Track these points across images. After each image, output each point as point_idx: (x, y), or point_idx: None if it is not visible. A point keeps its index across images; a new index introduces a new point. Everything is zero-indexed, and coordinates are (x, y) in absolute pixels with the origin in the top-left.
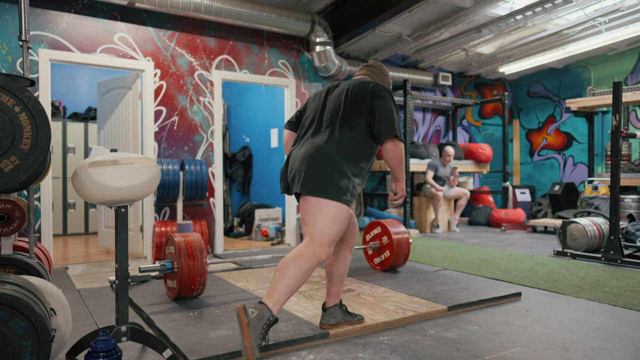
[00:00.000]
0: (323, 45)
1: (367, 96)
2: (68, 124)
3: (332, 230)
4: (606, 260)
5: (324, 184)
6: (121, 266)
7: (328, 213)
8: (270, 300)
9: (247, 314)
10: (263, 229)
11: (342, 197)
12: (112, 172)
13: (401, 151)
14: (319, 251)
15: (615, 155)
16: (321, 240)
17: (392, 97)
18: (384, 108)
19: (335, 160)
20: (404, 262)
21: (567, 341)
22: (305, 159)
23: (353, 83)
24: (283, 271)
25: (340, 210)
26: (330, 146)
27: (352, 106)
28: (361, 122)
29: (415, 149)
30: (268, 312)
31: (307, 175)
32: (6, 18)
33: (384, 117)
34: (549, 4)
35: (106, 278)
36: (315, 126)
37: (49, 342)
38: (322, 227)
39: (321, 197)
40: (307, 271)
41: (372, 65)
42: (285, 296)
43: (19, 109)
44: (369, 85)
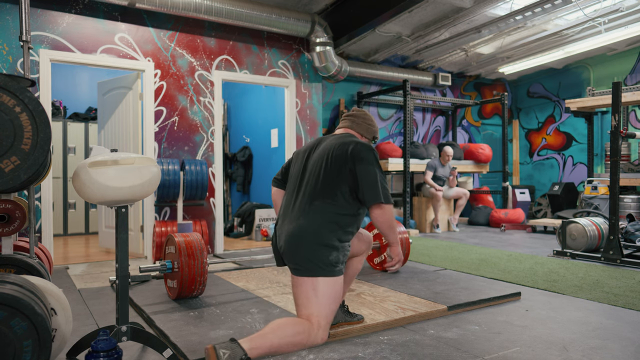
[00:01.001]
0: (323, 45)
1: (348, 161)
2: (68, 124)
3: (330, 310)
4: (606, 260)
5: (313, 263)
6: (121, 266)
7: (323, 291)
8: (250, 344)
9: (217, 356)
10: (263, 229)
11: (334, 270)
12: (112, 172)
13: (390, 215)
14: (317, 332)
15: (615, 155)
16: (319, 322)
17: (376, 157)
18: (365, 173)
19: (318, 235)
20: (404, 262)
21: (566, 341)
22: (290, 240)
23: (334, 143)
24: (277, 326)
25: (336, 284)
26: (312, 220)
27: (332, 172)
28: (343, 188)
29: (415, 149)
30: (240, 351)
31: (295, 257)
32: (7, 18)
33: (367, 183)
34: (549, 4)
35: (106, 278)
36: (296, 196)
37: (49, 342)
38: (319, 307)
39: (314, 277)
40: (297, 344)
41: (355, 116)
42: (266, 348)
43: (19, 109)
44: (349, 147)
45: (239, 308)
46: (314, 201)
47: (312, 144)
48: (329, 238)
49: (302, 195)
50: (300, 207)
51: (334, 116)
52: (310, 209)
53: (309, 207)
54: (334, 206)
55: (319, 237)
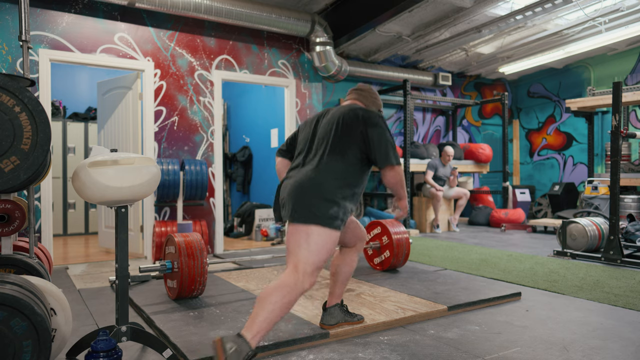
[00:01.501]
0: (323, 45)
1: (360, 125)
2: (68, 124)
3: (318, 258)
4: (606, 260)
5: (312, 211)
6: (121, 266)
7: (316, 240)
8: (249, 333)
9: (224, 349)
10: (263, 229)
11: (333, 224)
12: (112, 172)
13: (401, 176)
14: (303, 280)
15: (615, 155)
16: (305, 269)
17: (385, 123)
18: (378, 137)
19: (324, 187)
20: (404, 262)
21: (567, 341)
22: (294, 188)
23: (343, 110)
24: (264, 302)
25: (330, 237)
26: (320, 173)
27: (344, 134)
28: (354, 150)
29: (415, 149)
30: (246, 346)
31: (295, 203)
32: (6, 18)
33: (379, 146)
34: (549, 4)
35: (106, 278)
36: (305, 155)
37: (49, 342)
38: (307, 254)
39: (310, 224)
40: (289, 302)
41: (361, 89)
42: (265, 328)
43: (19, 109)
44: (360, 112)
45: (239, 308)
46: (324, 159)
47: (319, 113)
48: (333, 194)
49: (312, 155)
50: (310, 164)
51: None
52: (320, 165)
53: (318, 164)
54: (344, 164)
55: (324, 192)
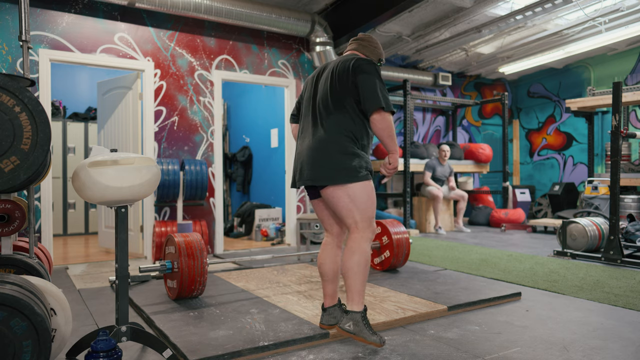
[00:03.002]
0: (323, 45)
1: (350, 74)
2: (68, 124)
3: (369, 210)
4: (606, 260)
5: (339, 171)
6: (121, 266)
7: (359, 196)
8: (353, 304)
9: (348, 330)
10: (263, 229)
11: (361, 175)
12: (112, 172)
13: (389, 122)
14: (365, 234)
15: (615, 155)
16: (363, 225)
17: (377, 70)
18: (366, 82)
19: (339, 144)
20: (404, 262)
21: (567, 341)
22: (310, 152)
23: (337, 62)
24: (347, 273)
25: (367, 187)
26: (330, 132)
27: (339, 87)
28: (350, 101)
29: (415, 149)
30: (357, 315)
31: (320, 166)
32: (6, 18)
33: (367, 91)
34: (549, 4)
35: (106, 278)
36: (312, 116)
37: (49, 342)
38: (360, 212)
39: (344, 184)
40: (367, 257)
41: (361, 39)
42: (362, 291)
43: (19, 109)
44: (351, 62)
45: (239, 308)
46: (328, 116)
47: (319, 69)
48: (348, 146)
49: (317, 113)
50: (316, 123)
51: None
52: (326, 123)
53: (324, 121)
54: (348, 118)
55: (339, 146)
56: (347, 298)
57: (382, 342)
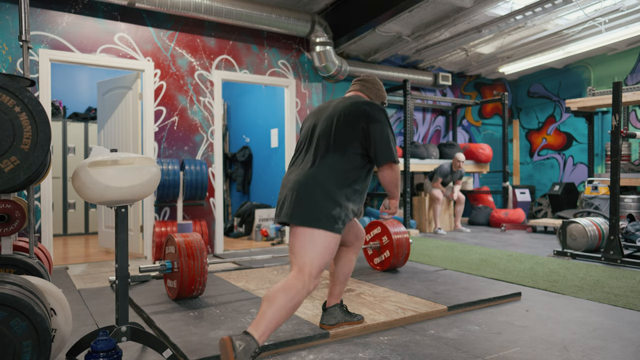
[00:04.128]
0: (323, 45)
1: (361, 119)
2: (68, 124)
3: (322, 261)
4: (606, 260)
5: (315, 214)
6: (121, 266)
7: (319, 243)
8: (256, 331)
9: (234, 348)
10: (263, 229)
11: (335, 227)
12: (112, 172)
13: (397, 175)
14: (309, 283)
15: (615, 155)
16: (310, 272)
17: (387, 118)
18: (379, 132)
19: (326, 187)
20: (404, 262)
21: (567, 341)
22: (295, 186)
23: (346, 103)
24: (271, 301)
25: (333, 239)
26: (321, 172)
27: (345, 129)
28: (355, 145)
29: (415, 149)
30: (254, 344)
31: (298, 204)
32: (6, 18)
33: (380, 143)
34: (549, 4)
35: (106, 278)
36: (306, 150)
37: (49, 342)
38: (312, 257)
39: (313, 228)
40: (296, 304)
41: (365, 80)
42: (272, 327)
43: (19, 109)
44: (362, 106)
45: (238, 308)
46: (325, 156)
47: (322, 105)
48: (335, 193)
49: (313, 150)
50: (311, 161)
51: None
52: (321, 163)
53: (319, 160)
54: (344, 162)
55: (327, 190)
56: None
57: None
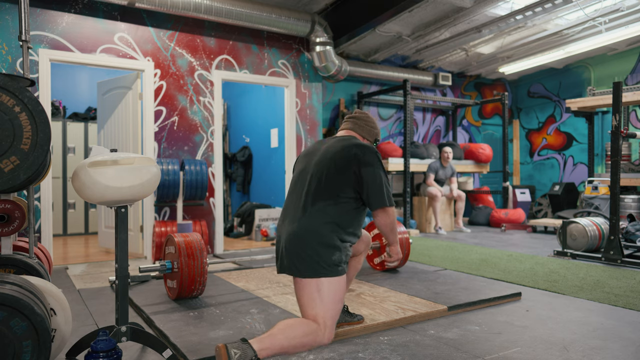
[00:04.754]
0: (323, 45)
1: (353, 164)
2: (68, 124)
3: (335, 310)
4: (606, 260)
5: (316, 263)
6: (121, 266)
7: (327, 291)
8: (260, 344)
9: (229, 356)
10: (263, 229)
11: (338, 270)
12: (112, 172)
13: (393, 218)
14: (323, 334)
15: (615, 155)
16: (325, 322)
17: (380, 160)
18: (372, 177)
19: (320, 234)
20: (404, 262)
21: (567, 341)
22: (290, 239)
23: (337, 147)
24: (289, 327)
25: (339, 283)
26: (314, 219)
27: (336, 174)
28: (347, 190)
29: (415, 149)
30: (251, 351)
31: (297, 257)
32: (6, 18)
33: (373, 187)
34: (549, 4)
35: (106, 278)
36: (298, 196)
37: (49, 342)
38: (324, 308)
39: (317, 277)
40: (308, 342)
41: (357, 117)
42: (275, 349)
43: (19, 109)
44: (354, 150)
45: (238, 308)
46: (316, 202)
47: (313, 147)
48: (330, 238)
49: (305, 196)
50: (302, 208)
51: (334, 116)
52: (312, 209)
53: (310, 207)
54: (336, 207)
55: (321, 237)
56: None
57: None
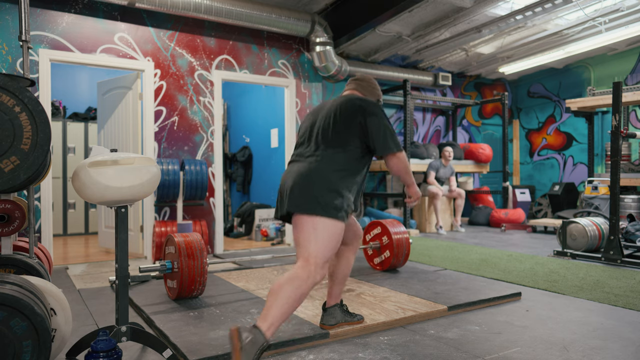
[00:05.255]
0: (323, 45)
1: (358, 114)
2: (68, 124)
3: (328, 250)
4: (606, 260)
5: (318, 202)
6: (121, 266)
7: (324, 231)
8: (264, 324)
9: (240, 339)
10: (263, 229)
11: (338, 215)
12: (112, 172)
13: (405, 162)
14: (315, 273)
15: (615, 155)
16: (316, 262)
17: (383, 112)
18: (376, 125)
19: (327, 178)
20: (404, 262)
21: (567, 341)
22: (297, 177)
23: (342, 101)
24: (277, 294)
25: (337, 228)
26: (322, 164)
27: (343, 125)
28: (354, 140)
29: (415, 149)
30: (262, 337)
31: (300, 193)
32: (6, 18)
33: (378, 135)
34: (549, 4)
35: (106, 278)
36: (306, 146)
37: (49, 342)
38: (318, 247)
39: (316, 215)
40: (302, 294)
41: (360, 79)
42: (279, 320)
43: (19, 109)
44: (358, 102)
45: (238, 308)
46: (326, 148)
47: (319, 105)
48: (337, 185)
49: (314, 146)
50: (311, 152)
51: None
52: (321, 154)
53: (321, 153)
54: (345, 155)
55: (329, 182)
56: (262, 315)
57: None
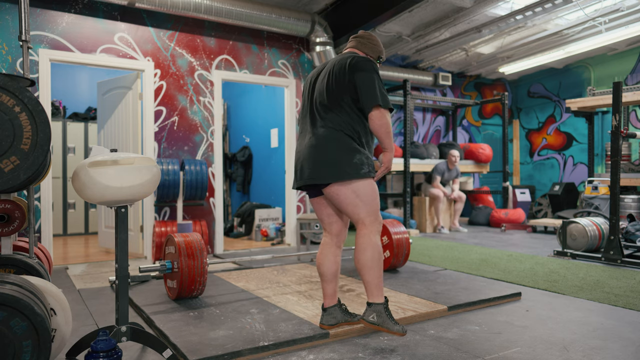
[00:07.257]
0: (323, 45)
1: (346, 73)
2: (68, 124)
3: (374, 203)
4: (606, 260)
5: (342, 168)
6: (121, 266)
7: (363, 191)
8: (374, 297)
9: (372, 322)
10: (263, 229)
11: (361, 172)
12: (112, 172)
13: (387, 119)
14: (373, 228)
15: (615, 155)
16: (370, 219)
17: (374, 67)
18: (363, 79)
19: (339, 140)
20: (404, 262)
21: (567, 341)
22: (311, 150)
23: (334, 61)
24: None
25: (370, 185)
26: (329, 129)
27: (335, 86)
28: (348, 99)
29: (415, 149)
30: (380, 306)
31: (320, 164)
32: (6, 18)
33: (365, 88)
34: (549, 4)
35: (106, 278)
36: (310, 115)
37: (49, 342)
38: (366, 207)
39: (348, 180)
40: (379, 250)
41: (360, 36)
42: (380, 284)
43: (19, 109)
44: (347, 60)
45: (238, 308)
46: (327, 113)
47: (317, 68)
48: (348, 142)
49: (315, 112)
50: (315, 121)
51: None
52: (324, 120)
53: (323, 119)
54: (346, 116)
55: (339, 142)
56: (367, 292)
57: (404, 332)
